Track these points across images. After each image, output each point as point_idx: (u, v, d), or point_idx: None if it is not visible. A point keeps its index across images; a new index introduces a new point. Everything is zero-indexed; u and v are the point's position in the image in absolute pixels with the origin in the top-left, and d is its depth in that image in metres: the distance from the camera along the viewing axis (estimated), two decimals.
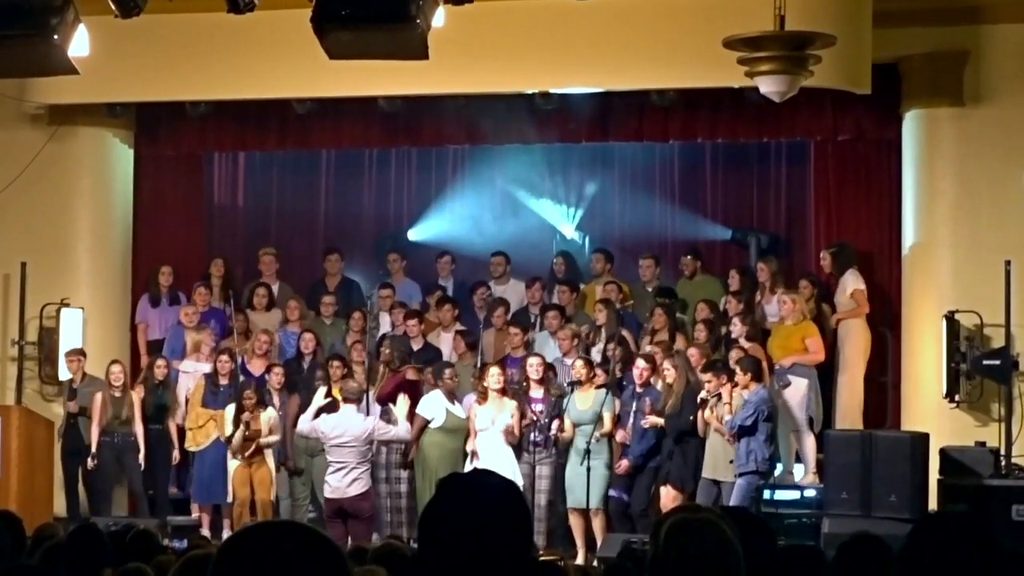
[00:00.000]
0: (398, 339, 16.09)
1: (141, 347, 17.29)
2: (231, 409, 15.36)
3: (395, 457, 15.29)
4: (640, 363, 14.71)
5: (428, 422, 15.02)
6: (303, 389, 15.89)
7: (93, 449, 15.71)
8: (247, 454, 15.20)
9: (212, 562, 2.86)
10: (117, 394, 15.70)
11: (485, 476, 3.45)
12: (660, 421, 14.32)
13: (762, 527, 4.88)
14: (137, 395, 15.88)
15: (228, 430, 15.29)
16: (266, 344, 16.26)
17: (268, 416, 15.35)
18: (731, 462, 13.91)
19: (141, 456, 15.76)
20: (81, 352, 16.16)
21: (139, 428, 15.76)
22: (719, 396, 14.04)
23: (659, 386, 14.58)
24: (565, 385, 15.03)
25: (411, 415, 14.93)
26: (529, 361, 15.09)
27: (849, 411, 15.59)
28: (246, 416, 15.15)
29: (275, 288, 17.71)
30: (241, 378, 15.80)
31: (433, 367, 15.39)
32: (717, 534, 3.92)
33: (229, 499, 15.40)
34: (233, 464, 15.33)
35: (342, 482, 14.21)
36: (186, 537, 13.62)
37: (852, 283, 15.74)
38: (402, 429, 14.67)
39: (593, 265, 17.56)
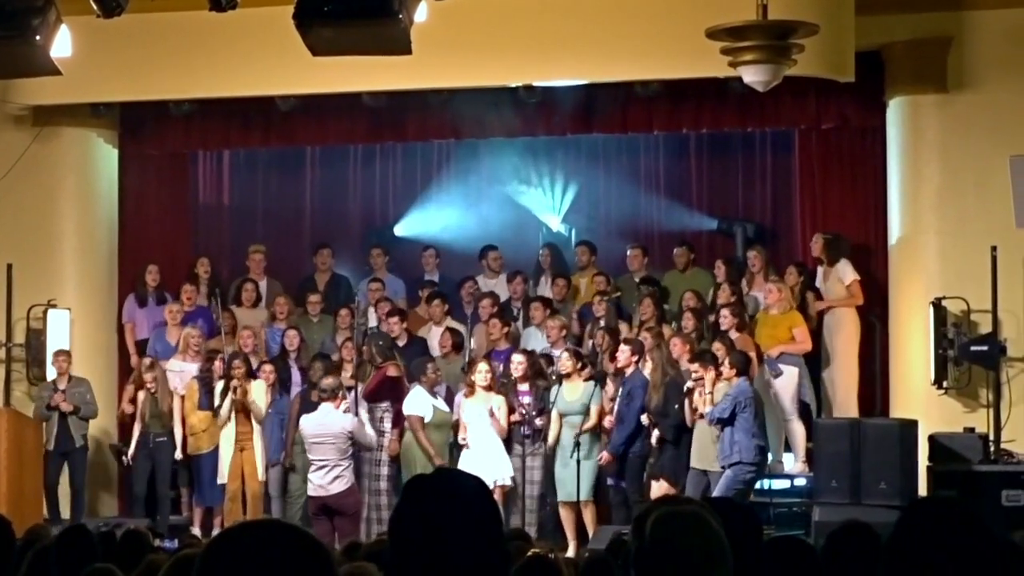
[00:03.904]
0: (378, 335, 16.09)
1: (130, 347, 17.25)
2: (220, 384, 15.46)
3: (376, 455, 15.23)
4: (622, 347, 14.71)
5: (423, 419, 15.00)
6: (291, 386, 15.94)
7: (132, 449, 15.84)
8: (239, 430, 15.27)
9: (197, 561, 2.85)
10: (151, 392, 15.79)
11: (451, 475, 3.46)
12: (656, 432, 14.31)
13: (748, 517, 4.87)
14: (126, 396, 15.90)
15: (220, 403, 15.42)
16: (251, 341, 16.24)
17: (259, 388, 15.47)
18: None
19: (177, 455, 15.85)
20: (67, 353, 16.13)
21: (178, 430, 15.80)
22: (702, 382, 14.02)
23: (646, 371, 14.57)
24: (553, 376, 15.06)
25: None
26: (513, 358, 15.11)
27: (845, 401, 15.61)
28: (235, 383, 15.24)
29: (263, 285, 17.69)
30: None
31: (414, 364, 15.38)
32: (702, 526, 3.91)
33: (221, 481, 15.41)
34: (224, 453, 15.36)
35: (324, 479, 14.29)
36: (176, 537, 13.61)
37: (850, 275, 15.75)
38: (369, 436, 14.77)
39: (578, 258, 17.58)
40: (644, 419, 14.33)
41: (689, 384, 14.11)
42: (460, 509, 3.29)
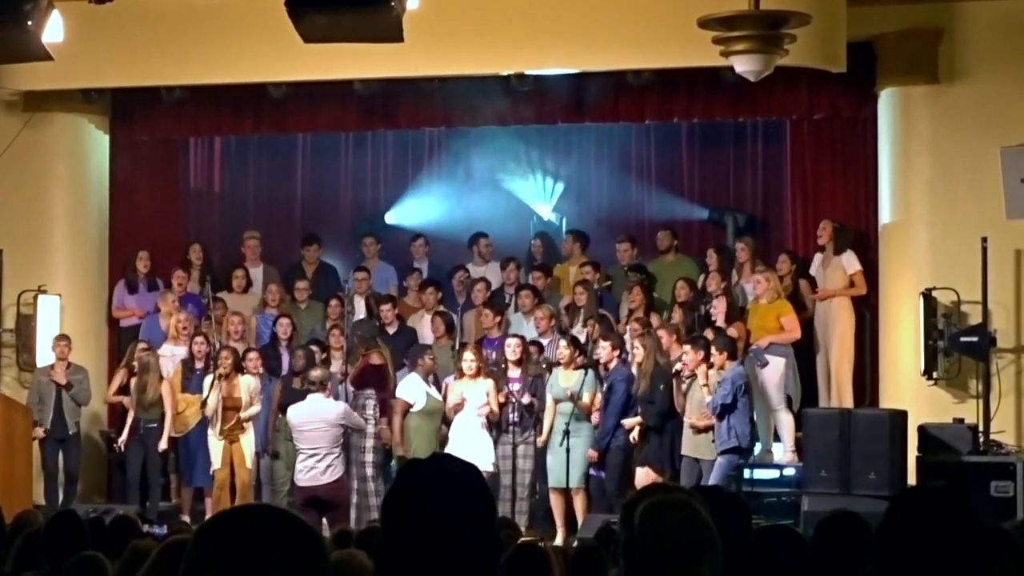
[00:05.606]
0: (363, 323, 16.09)
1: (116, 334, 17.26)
2: (209, 378, 15.36)
3: (362, 441, 15.14)
4: (602, 343, 14.74)
5: (410, 406, 14.99)
6: (282, 374, 15.94)
7: (124, 435, 15.77)
8: (227, 426, 15.15)
9: (188, 546, 2.85)
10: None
11: (444, 460, 3.43)
12: (636, 421, 14.31)
13: (737, 505, 4.87)
14: (117, 381, 15.89)
15: (207, 396, 15.29)
16: (240, 327, 16.20)
17: (248, 383, 15.26)
18: (712, 441, 13.90)
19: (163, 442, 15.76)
20: (67, 338, 16.05)
21: (168, 416, 15.72)
22: (694, 376, 14.03)
23: (635, 361, 14.57)
24: (543, 364, 15.08)
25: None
26: (508, 342, 15.13)
27: (841, 392, 15.63)
28: (221, 371, 15.13)
29: (258, 272, 17.68)
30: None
31: (410, 350, 15.38)
32: (691, 515, 3.91)
33: (212, 469, 15.35)
34: (214, 442, 15.30)
35: (316, 469, 13.93)
36: (166, 523, 13.60)
37: (855, 264, 15.80)
38: (357, 417, 14.68)
39: (566, 246, 17.59)
40: (626, 423, 14.35)
41: (677, 367, 14.11)
42: (453, 495, 3.27)
